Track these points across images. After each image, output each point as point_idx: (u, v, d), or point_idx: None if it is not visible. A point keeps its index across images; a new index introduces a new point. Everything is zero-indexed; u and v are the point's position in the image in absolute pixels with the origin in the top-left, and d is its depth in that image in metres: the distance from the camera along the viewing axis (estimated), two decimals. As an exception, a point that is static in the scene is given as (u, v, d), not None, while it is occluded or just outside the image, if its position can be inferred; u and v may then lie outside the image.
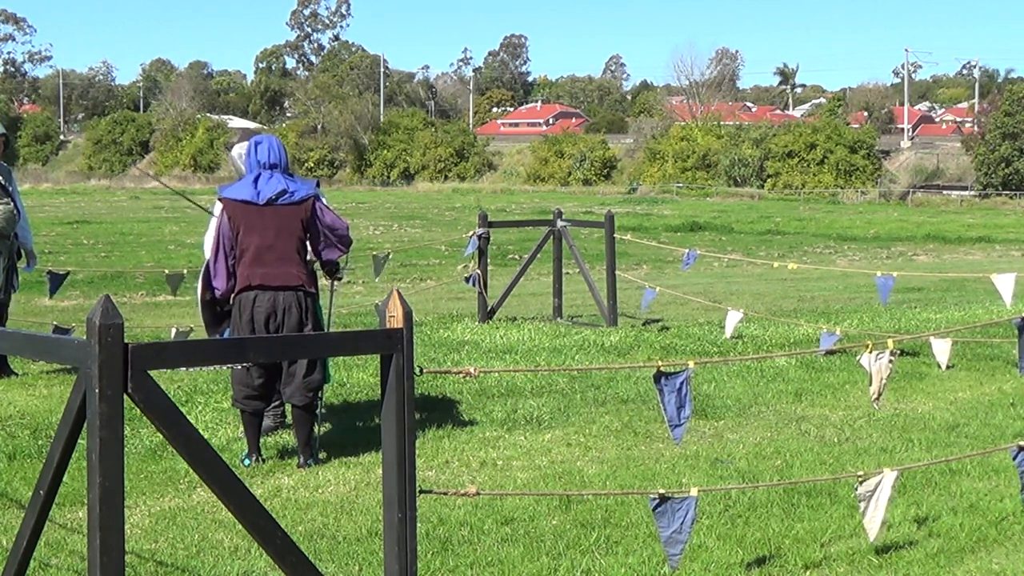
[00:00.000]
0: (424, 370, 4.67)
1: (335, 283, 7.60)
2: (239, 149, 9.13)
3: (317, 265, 7.27)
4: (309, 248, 7.08)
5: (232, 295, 6.98)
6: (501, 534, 5.62)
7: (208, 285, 7.04)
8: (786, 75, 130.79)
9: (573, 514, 5.93)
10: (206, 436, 5.96)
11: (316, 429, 7.15)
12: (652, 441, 7.54)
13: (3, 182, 9.49)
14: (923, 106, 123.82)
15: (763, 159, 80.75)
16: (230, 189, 6.99)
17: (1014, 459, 5.86)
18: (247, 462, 7.02)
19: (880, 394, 5.90)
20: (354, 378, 9.29)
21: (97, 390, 3.34)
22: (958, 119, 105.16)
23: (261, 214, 6.83)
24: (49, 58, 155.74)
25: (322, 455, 7.14)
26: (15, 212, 9.55)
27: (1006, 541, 5.65)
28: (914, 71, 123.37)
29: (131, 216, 45.30)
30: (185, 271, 12.71)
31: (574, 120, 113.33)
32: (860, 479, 5.36)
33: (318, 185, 7.74)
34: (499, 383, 9.18)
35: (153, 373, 3.47)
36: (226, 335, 7.16)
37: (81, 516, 5.76)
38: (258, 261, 6.85)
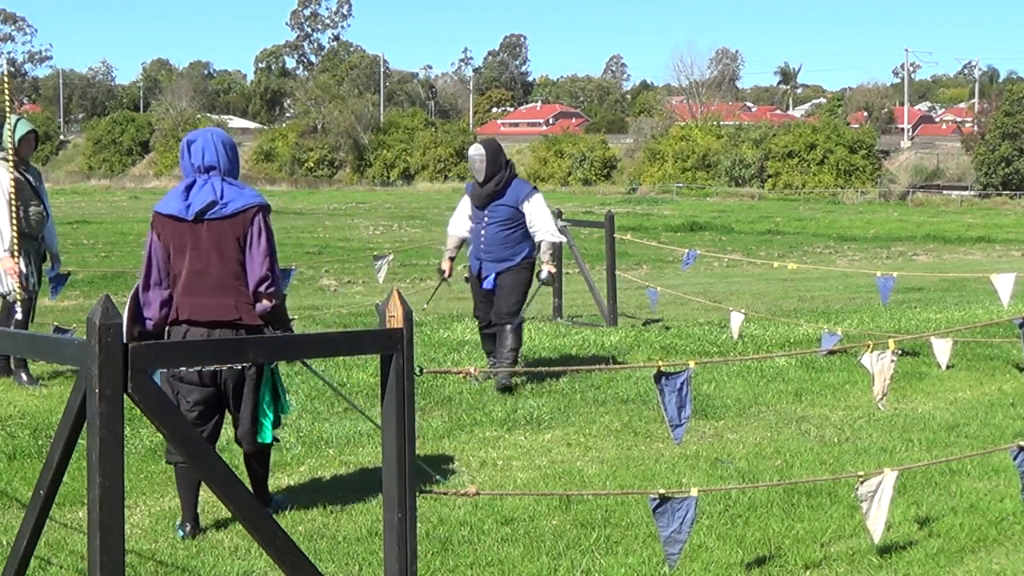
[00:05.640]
0: (424, 370, 4.67)
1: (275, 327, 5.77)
2: (475, 151, 9.14)
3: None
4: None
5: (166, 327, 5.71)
6: (501, 534, 5.62)
7: (136, 318, 5.61)
8: (786, 75, 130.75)
9: (573, 514, 5.92)
10: (206, 436, 5.95)
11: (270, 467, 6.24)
12: (652, 441, 7.54)
13: (34, 183, 9.44)
14: (923, 106, 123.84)
15: (763, 159, 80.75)
16: (162, 200, 5.78)
17: (1014, 459, 5.86)
18: (181, 533, 5.66)
19: (884, 394, 5.91)
20: (354, 378, 9.28)
21: (97, 390, 3.34)
22: (958, 119, 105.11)
23: (193, 231, 5.59)
24: (49, 58, 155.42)
25: (322, 455, 7.14)
26: (44, 214, 9.52)
27: (1006, 541, 5.65)
28: (914, 71, 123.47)
29: (131, 216, 45.29)
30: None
31: (574, 120, 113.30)
32: (861, 479, 5.36)
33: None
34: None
35: (153, 373, 3.47)
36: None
37: (81, 516, 5.76)
38: (189, 289, 5.61)
